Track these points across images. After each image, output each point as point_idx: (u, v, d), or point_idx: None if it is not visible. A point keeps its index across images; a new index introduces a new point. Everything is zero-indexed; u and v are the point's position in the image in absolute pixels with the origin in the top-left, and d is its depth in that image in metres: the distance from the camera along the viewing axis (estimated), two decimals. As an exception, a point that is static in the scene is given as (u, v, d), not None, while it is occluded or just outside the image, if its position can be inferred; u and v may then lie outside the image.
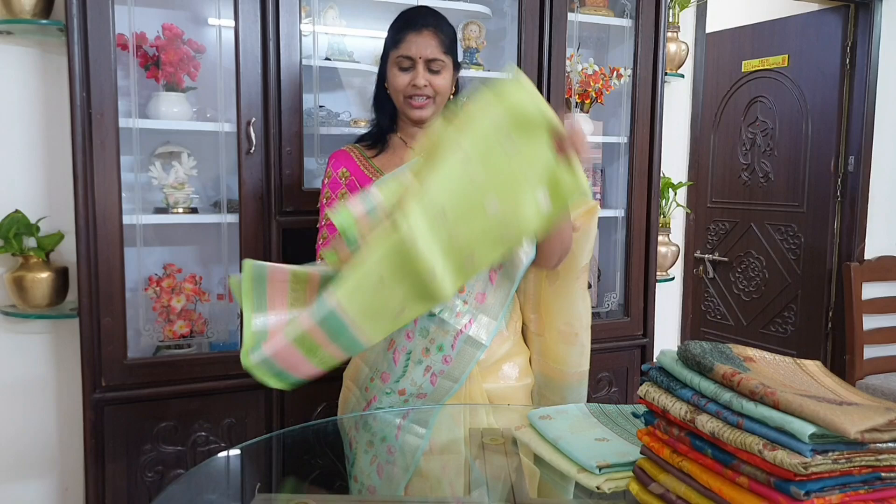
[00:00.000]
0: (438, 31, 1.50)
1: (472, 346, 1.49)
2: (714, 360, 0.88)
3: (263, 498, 1.12)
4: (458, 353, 1.49)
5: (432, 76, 1.49)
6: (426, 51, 1.48)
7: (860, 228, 3.49)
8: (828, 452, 0.76)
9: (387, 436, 1.49)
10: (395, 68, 1.50)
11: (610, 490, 1.04)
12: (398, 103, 1.53)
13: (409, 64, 1.48)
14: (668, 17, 2.44)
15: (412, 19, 1.51)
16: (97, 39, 1.76)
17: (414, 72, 1.48)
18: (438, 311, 1.46)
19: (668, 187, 2.80)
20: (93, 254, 1.80)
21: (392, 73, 1.50)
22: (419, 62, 1.48)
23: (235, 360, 1.97)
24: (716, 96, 4.02)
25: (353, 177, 1.54)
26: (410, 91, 1.49)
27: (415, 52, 1.47)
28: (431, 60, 1.48)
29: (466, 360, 1.50)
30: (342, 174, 1.55)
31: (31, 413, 2.10)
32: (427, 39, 1.48)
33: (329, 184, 1.56)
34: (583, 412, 1.30)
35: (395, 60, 1.49)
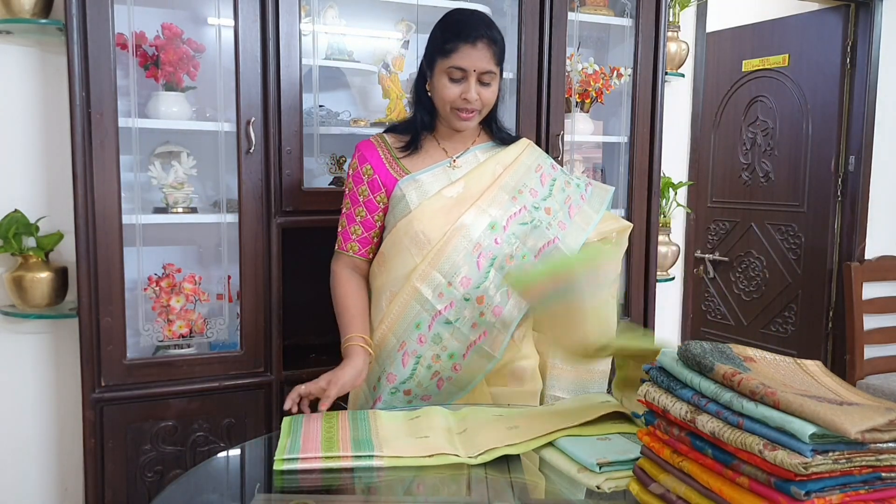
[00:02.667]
0: (492, 43, 1.44)
1: (484, 357, 1.49)
2: (714, 360, 0.88)
3: (263, 498, 1.12)
4: (469, 363, 1.49)
5: (482, 88, 1.46)
6: (480, 63, 1.43)
7: (860, 228, 3.49)
8: (828, 452, 0.75)
9: None
10: (444, 78, 1.45)
11: (610, 489, 1.04)
12: (443, 111, 1.49)
13: (460, 76, 1.44)
14: (668, 16, 2.43)
15: (467, 29, 1.43)
16: (97, 39, 1.76)
17: (466, 84, 1.44)
18: (455, 320, 1.46)
19: (669, 187, 2.80)
20: (92, 254, 1.80)
21: (441, 83, 1.45)
22: (472, 75, 1.44)
23: (235, 360, 1.97)
24: (716, 96, 4.02)
25: (377, 174, 1.52)
26: (460, 104, 1.46)
27: (468, 66, 1.43)
28: (485, 73, 1.44)
29: (476, 370, 1.50)
30: (366, 171, 1.53)
31: (31, 413, 2.10)
32: (482, 52, 1.43)
33: (353, 176, 1.55)
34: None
35: (446, 70, 1.44)
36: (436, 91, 1.48)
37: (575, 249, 1.53)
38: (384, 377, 1.50)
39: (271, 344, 1.99)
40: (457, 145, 1.56)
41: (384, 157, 1.54)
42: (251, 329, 1.98)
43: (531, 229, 1.50)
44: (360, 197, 1.53)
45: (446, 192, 1.49)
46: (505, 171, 1.53)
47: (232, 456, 1.34)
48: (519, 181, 1.53)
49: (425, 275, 1.45)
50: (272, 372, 2.00)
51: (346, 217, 1.55)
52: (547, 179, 1.58)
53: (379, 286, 1.53)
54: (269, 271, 1.97)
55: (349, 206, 1.55)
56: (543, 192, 1.55)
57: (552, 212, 1.54)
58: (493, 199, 1.49)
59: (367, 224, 1.54)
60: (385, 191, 1.52)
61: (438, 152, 1.55)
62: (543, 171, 1.58)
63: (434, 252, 1.44)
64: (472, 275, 1.46)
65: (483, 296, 1.47)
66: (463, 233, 1.46)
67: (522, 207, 1.51)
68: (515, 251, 1.49)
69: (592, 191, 1.65)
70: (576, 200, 1.59)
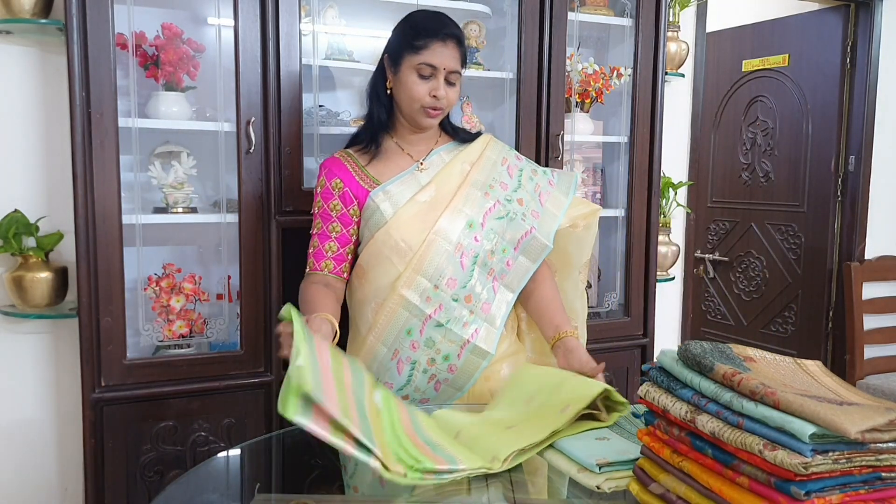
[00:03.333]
0: (459, 44, 1.48)
1: (478, 355, 1.50)
2: (714, 360, 0.88)
3: (263, 498, 1.12)
4: (464, 363, 1.50)
5: (448, 87, 1.48)
6: (450, 62, 1.45)
7: (860, 228, 3.49)
8: (828, 452, 0.75)
9: None
10: (413, 75, 1.46)
11: (610, 489, 1.04)
12: (409, 109, 1.50)
13: (430, 72, 1.45)
14: (668, 16, 2.43)
15: (436, 27, 1.46)
16: (96, 39, 1.76)
17: (435, 81, 1.46)
18: (446, 322, 1.46)
19: (669, 187, 2.80)
20: (92, 253, 1.80)
21: (410, 80, 1.46)
22: (441, 72, 1.45)
23: (235, 360, 1.97)
24: (716, 96, 4.02)
25: (347, 187, 1.53)
26: (429, 101, 1.47)
27: (439, 63, 1.45)
28: (451, 72, 1.47)
29: (472, 369, 1.51)
30: (335, 185, 1.53)
31: (31, 413, 2.10)
32: (451, 51, 1.46)
33: (322, 193, 1.54)
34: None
35: (416, 67, 1.45)
36: (403, 88, 1.48)
37: (550, 236, 1.56)
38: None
39: (271, 344, 1.99)
40: (420, 148, 1.57)
41: (352, 170, 1.54)
42: (251, 329, 1.98)
43: (508, 222, 1.52)
44: (332, 213, 1.52)
45: (419, 197, 1.50)
46: (473, 168, 1.54)
47: (232, 456, 1.34)
48: (488, 176, 1.54)
49: (410, 281, 1.45)
50: (272, 372, 2.00)
51: (319, 237, 1.53)
52: (514, 171, 1.59)
53: (361, 298, 1.53)
54: (269, 271, 1.97)
55: (320, 225, 1.53)
56: (513, 184, 1.57)
57: (524, 202, 1.56)
58: (466, 197, 1.50)
59: (343, 239, 1.53)
60: (357, 203, 1.52)
61: (403, 158, 1.56)
62: (509, 163, 1.60)
63: (417, 258, 1.45)
64: (458, 275, 1.47)
65: (470, 294, 1.48)
66: (442, 235, 1.46)
67: (496, 202, 1.52)
68: (495, 246, 1.51)
69: (558, 176, 1.66)
70: (545, 187, 1.61)
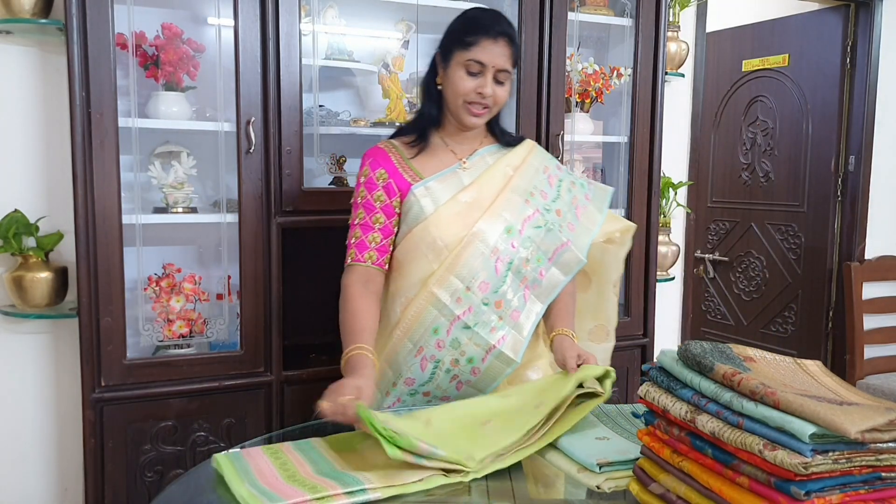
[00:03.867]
0: (512, 43, 1.46)
1: (503, 361, 1.48)
2: (714, 360, 0.88)
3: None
4: (488, 367, 1.48)
5: (497, 86, 1.46)
6: (499, 60, 1.44)
7: (860, 228, 3.49)
8: (828, 452, 0.75)
9: None
10: (461, 71, 1.44)
11: (610, 489, 1.04)
12: (454, 105, 1.48)
13: (478, 70, 1.44)
14: (668, 16, 2.43)
15: (489, 24, 1.45)
16: (96, 39, 1.76)
17: (482, 79, 1.44)
18: (474, 325, 1.45)
19: (669, 187, 2.80)
20: (92, 253, 1.80)
21: (457, 76, 1.45)
22: (490, 70, 1.44)
23: (235, 360, 1.97)
24: (716, 96, 4.02)
25: (391, 179, 1.51)
26: (474, 98, 1.45)
27: (488, 60, 1.43)
28: (501, 71, 1.45)
29: (494, 374, 1.49)
30: (380, 175, 1.51)
31: (31, 413, 2.10)
32: (502, 49, 1.44)
33: (365, 183, 1.52)
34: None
35: (464, 63, 1.44)
36: (450, 83, 1.47)
37: (584, 250, 1.54)
38: (401, 382, 1.50)
39: (271, 344, 1.99)
40: (464, 147, 1.56)
41: (396, 161, 1.53)
42: (251, 329, 1.98)
43: (545, 232, 1.50)
44: (375, 203, 1.50)
45: (460, 196, 1.48)
46: (515, 174, 1.52)
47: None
48: (529, 183, 1.53)
49: (443, 280, 1.43)
50: (272, 372, 2.00)
51: (361, 227, 1.50)
52: (554, 181, 1.58)
53: (392, 291, 1.52)
54: (269, 271, 1.97)
55: (363, 215, 1.50)
56: (552, 194, 1.55)
57: (562, 213, 1.54)
58: (506, 202, 1.48)
59: (386, 230, 1.51)
60: (399, 195, 1.51)
61: (447, 155, 1.54)
62: (550, 172, 1.58)
63: (452, 257, 1.43)
64: (491, 279, 1.45)
65: (501, 300, 1.46)
66: (480, 238, 1.44)
67: (536, 210, 1.50)
68: (531, 255, 1.48)
69: (594, 190, 1.65)
70: (581, 201, 1.60)
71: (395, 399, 1.52)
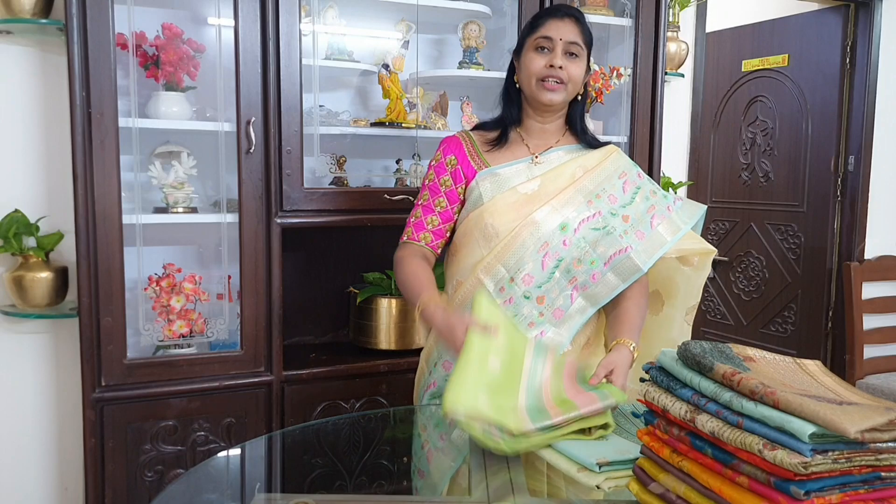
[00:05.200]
0: (580, 22, 1.49)
1: None
2: (714, 360, 0.88)
3: (263, 498, 1.12)
4: None
5: (568, 61, 1.47)
6: (567, 34, 1.46)
7: (860, 228, 3.49)
8: (828, 452, 0.75)
9: (440, 422, 1.48)
10: (531, 51, 1.47)
11: (610, 489, 1.04)
12: (529, 88, 1.49)
13: (547, 45, 1.46)
14: (668, 16, 2.43)
15: (555, 8, 1.52)
16: (97, 39, 1.76)
17: (552, 53, 1.46)
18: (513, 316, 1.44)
19: (668, 187, 2.80)
20: (92, 253, 1.80)
21: (528, 57, 1.48)
22: (558, 44, 1.45)
23: (235, 360, 1.98)
24: (716, 96, 4.02)
25: (460, 165, 1.54)
26: (545, 72, 1.46)
27: (554, 34, 1.45)
28: (571, 43, 1.46)
29: None
30: (450, 161, 1.54)
31: (31, 413, 2.10)
32: (568, 25, 1.47)
33: (435, 167, 1.56)
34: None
35: (533, 43, 1.47)
36: (523, 68, 1.49)
37: (648, 259, 1.49)
38: (440, 363, 1.51)
39: (271, 344, 2.00)
40: (540, 143, 1.55)
41: (467, 150, 1.55)
42: (251, 329, 1.98)
43: (603, 235, 1.47)
44: (441, 187, 1.53)
45: (521, 188, 1.49)
46: (585, 175, 1.50)
47: (232, 456, 1.34)
48: (598, 186, 1.50)
49: (490, 267, 1.45)
50: (272, 372, 2.00)
51: (423, 208, 1.54)
52: (630, 187, 1.54)
53: (448, 275, 1.56)
54: (269, 271, 1.98)
55: (427, 197, 1.54)
56: (624, 200, 1.52)
57: (630, 220, 1.50)
58: (567, 199, 1.47)
59: (446, 216, 1.53)
60: (465, 182, 1.53)
61: (521, 148, 1.55)
62: (628, 178, 1.54)
63: (501, 245, 1.44)
64: (536, 273, 1.44)
65: (544, 296, 1.45)
66: (532, 229, 1.44)
67: (597, 212, 1.48)
68: (584, 256, 1.46)
69: (682, 205, 1.61)
70: (661, 210, 1.55)
71: (433, 381, 1.52)
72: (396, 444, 1.51)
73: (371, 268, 2.32)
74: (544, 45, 1.46)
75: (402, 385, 2.18)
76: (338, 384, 2.11)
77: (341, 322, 2.41)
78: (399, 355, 2.20)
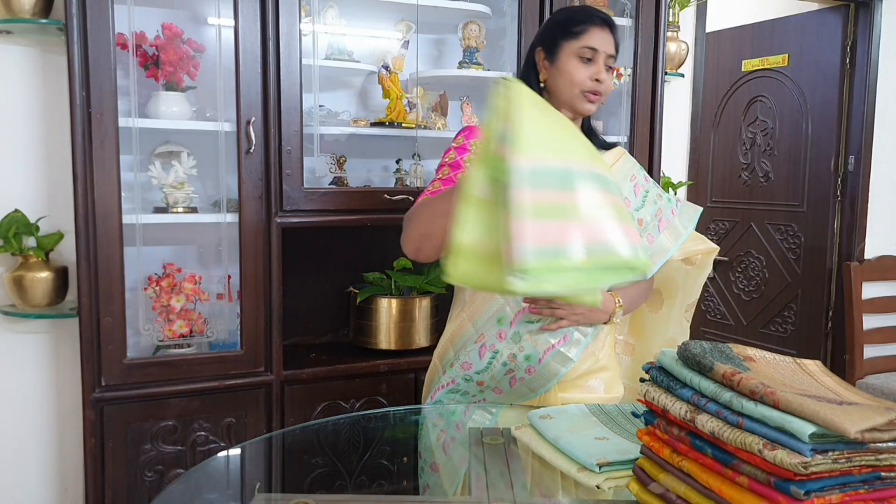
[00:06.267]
0: (613, 30, 1.47)
1: (559, 361, 1.45)
2: (714, 360, 0.88)
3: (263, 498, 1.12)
4: (544, 367, 1.46)
5: (606, 74, 1.46)
6: (608, 46, 1.45)
7: (860, 228, 3.49)
8: (828, 452, 0.75)
9: (456, 411, 1.48)
10: (574, 59, 1.43)
11: (609, 489, 1.04)
12: (569, 96, 1.45)
13: (591, 55, 1.43)
14: (668, 16, 2.43)
15: (592, 12, 1.47)
16: (97, 39, 1.76)
17: (596, 66, 1.43)
18: (537, 320, 1.43)
19: (668, 187, 2.80)
20: (92, 253, 1.80)
21: (571, 65, 1.43)
22: (601, 56, 1.44)
23: (235, 360, 1.98)
24: (716, 96, 4.02)
25: None
26: (591, 86, 1.43)
27: (600, 46, 1.43)
28: (610, 56, 1.45)
29: (550, 374, 1.46)
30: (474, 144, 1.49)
31: (31, 413, 2.10)
32: (608, 35, 1.45)
33: (457, 147, 1.49)
34: (582, 412, 1.30)
35: (577, 51, 1.43)
36: (562, 75, 1.45)
37: (655, 267, 1.50)
38: (458, 365, 1.49)
39: (271, 344, 2.00)
40: None
41: None
42: (251, 329, 1.98)
43: None
44: (464, 164, 1.46)
45: None
46: None
47: (232, 456, 1.34)
48: None
49: None
50: (272, 372, 2.00)
51: (443, 181, 1.43)
52: (640, 190, 1.54)
53: None
54: (269, 271, 1.98)
55: (448, 172, 1.45)
56: (636, 203, 1.52)
57: (644, 223, 1.51)
58: None
59: None
60: None
61: None
62: (637, 181, 1.55)
63: None
64: None
65: None
66: None
67: None
68: None
69: (681, 207, 1.62)
70: (666, 214, 1.56)
71: (450, 379, 1.51)
72: (396, 444, 1.51)
73: (371, 268, 2.32)
74: (589, 56, 1.43)
75: (402, 385, 2.18)
76: (338, 384, 2.11)
77: (341, 322, 2.41)
78: (399, 355, 2.20)
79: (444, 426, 1.49)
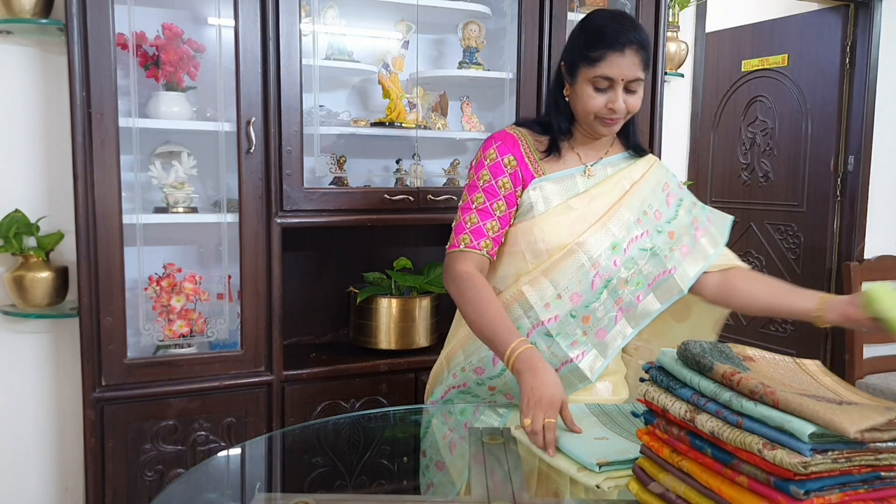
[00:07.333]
0: (641, 48, 1.35)
1: (577, 377, 1.43)
2: (714, 360, 0.89)
3: (263, 498, 1.12)
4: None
5: (628, 96, 1.37)
6: (628, 72, 1.34)
7: (860, 228, 3.49)
8: (827, 452, 0.76)
9: (465, 410, 1.47)
10: (589, 88, 1.36)
11: (610, 489, 1.04)
12: (584, 119, 1.41)
13: (607, 85, 1.35)
14: (667, 16, 2.43)
15: (613, 35, 1.34)
16: (97, 39, 1.76)
17: (612, 93, 1.35)
18: (556, 334, 1.40)
19: (668, 187, 2.80)
20: (93, 253, 1.81)
21: (585, 93, 1.36)
22: (619, 83, 1.35)
23: (235, 360, 1.98)
24: (715, 96, 4.02)
25: (519, 167, 1.43)
26: (605, 114, 1.38)
27: (616, 74, 1.34)
28: (631, 81, 1.36)
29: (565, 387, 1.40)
30: (509, 161, 1.43)
31: (31, 413, 2.10)
32: (630, 59, 1.34)
33: (490, 166, 1.42)
34: (582, 411, 1.30)
35: (591, 80, 1.35)
36: (579, 100, 1.39)
37: (688, 280, 1.45)
38: (470, 370, 1.47)
39: (271, 344, 2.00)
40: (591, 153, 1.48)
41: (524, 151, 1.45)
42: (251, 329, 1.98)
43: (650, 256, 1.43)
44: (500, 190, 1.41)
45: (573, 202, 1.42)
46: (632, 188, 1.45)
47: (232, 456, 1.34)
48: (644, 201, 1.45)
49: (535, 281, 1.39)
50: (272, 372, 2.00)
51: (479, 213, 1.40)
52: (673, 200, 1.50)
53: None
54: (270, 271, 1.98)
55: (482, 200, 1.40)
56: (668, 214, 1.47)
57: (675, 235, 1.46)
58: (617, 217, 1.42)
59: (505, 220, 1.42)
60: (522, 186, 1.42)
61: (572, 157, 1.47)
62: (670, 190, 1.51)
63: (550, 262, 1.39)
64: (585, 293, 1.40)
65: (590, 316, 1.41)
66: (584, 249, 1.39)
67: (645, 231, 1.43)
68: (632, 276, 1.42)
69: (716, 216, 1.58)
70: (703, 223, 1.51)
71: (462, 382, 1.48)
72: (396, 443, 1.51)
73: (371, 268, 2.32)
74: (603, 85, 1.35)
75: (402, 385, 2.18)
76: (338, 384, 2.11)
77: (341, 322, 2.41)
78: (399, 355, 2.20)
79: (452, 425, 1.48)
